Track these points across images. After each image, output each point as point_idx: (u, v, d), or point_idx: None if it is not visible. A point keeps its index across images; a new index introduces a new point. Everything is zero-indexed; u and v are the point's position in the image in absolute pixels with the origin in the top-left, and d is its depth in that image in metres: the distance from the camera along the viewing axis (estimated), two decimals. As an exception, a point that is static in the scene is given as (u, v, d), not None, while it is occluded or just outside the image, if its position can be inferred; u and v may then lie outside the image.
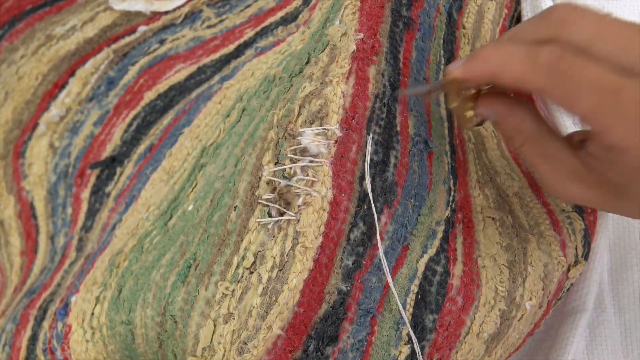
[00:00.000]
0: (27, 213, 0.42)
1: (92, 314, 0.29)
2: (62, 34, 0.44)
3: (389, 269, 0.27)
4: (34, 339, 0.33)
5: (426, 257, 0.28)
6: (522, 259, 0.29)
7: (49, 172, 0.42)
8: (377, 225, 0.26)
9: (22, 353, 0.33)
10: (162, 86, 0.41)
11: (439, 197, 0.29)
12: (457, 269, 0.28)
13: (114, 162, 0.40)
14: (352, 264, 0.26)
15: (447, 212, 0.29)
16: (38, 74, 0.43)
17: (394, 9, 0.29)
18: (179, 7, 0.44)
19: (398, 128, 0.28)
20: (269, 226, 0.25)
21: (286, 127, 0.26)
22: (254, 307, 0.24)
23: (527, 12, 0.40)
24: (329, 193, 0.25)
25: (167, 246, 0.29)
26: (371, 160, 0.26)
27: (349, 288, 0.25)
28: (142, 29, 0.44)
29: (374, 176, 0.27)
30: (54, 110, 0.43)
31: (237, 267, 0.25)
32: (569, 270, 0.31)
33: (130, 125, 0.41)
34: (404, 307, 0.27)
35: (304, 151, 0.25)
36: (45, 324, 0.32)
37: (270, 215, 0.25)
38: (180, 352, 0.27)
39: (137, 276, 0.29)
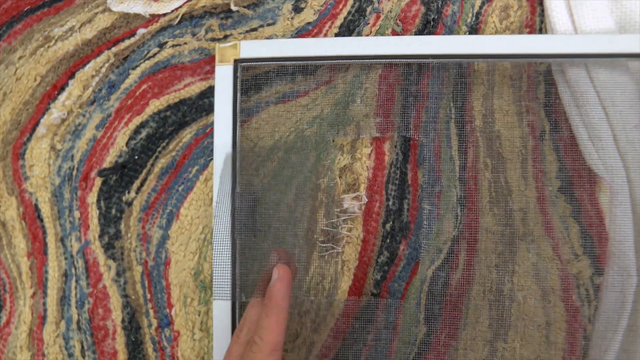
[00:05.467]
0: (31, 215, 0.43)
1: None
2: (60, 35, 0.43)
3: (406, 279, 0.39)
4: None
5: (433, 267, 0.38)
6: (510, 260, 0.37)
7: (52, 174, 0.43)
8: None
9: None
10: (171, 97, 0.42)
11: (446, 223, 0.38)
12: (457, 274, 0.38)
13: (124, 169, 0.42)
14: (380, 277, 0.38)
15: (454, 232, 0.37)
16: (36, 75, 0.43)
17: (404, 88, 0.36)
18: (176, 9, 0.45)
19: (409, 182, 0.39)
20: (325, 257, 0.39)
21: (333, 194, 0.39)
22: (321, 303, 0.38)
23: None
24: (361, 235, 0.39)
25: None
26: (390, 209, 0.39)
27: (378, 291, 0.39)
28: (141, 31, 0.45)
29: (393, 220, 0.39)
30: (55, 113, 0.43)
31: (310, 282, 0.39)
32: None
33: (136, 132, 0.42)
34: (419, 301, 0.38)
35: (345, 210, 0.39)
36: None
37: (326, 251, 0.39)
38: None
39: None
